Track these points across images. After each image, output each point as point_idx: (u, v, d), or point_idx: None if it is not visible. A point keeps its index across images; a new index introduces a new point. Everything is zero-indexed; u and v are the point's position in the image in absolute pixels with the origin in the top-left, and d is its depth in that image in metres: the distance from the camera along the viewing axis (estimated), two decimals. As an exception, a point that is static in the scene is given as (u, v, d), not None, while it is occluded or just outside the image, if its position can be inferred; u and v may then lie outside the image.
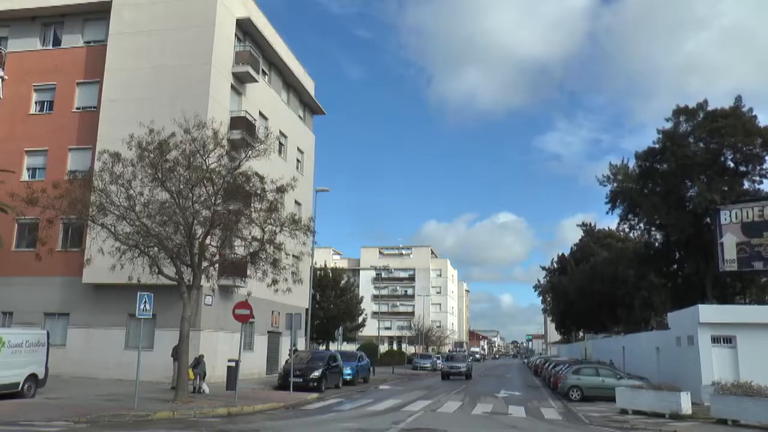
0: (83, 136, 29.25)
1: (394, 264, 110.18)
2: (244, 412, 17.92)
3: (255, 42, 32.52)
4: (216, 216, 18.89)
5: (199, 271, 19.23)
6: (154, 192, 19.09)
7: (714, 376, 21.76)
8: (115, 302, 26.42)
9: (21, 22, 31.62)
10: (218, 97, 28.26)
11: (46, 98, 30.83)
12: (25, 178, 29.26)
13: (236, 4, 30.55)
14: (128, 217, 18.88)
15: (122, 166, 18.90)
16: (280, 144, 35.30)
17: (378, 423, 16.34)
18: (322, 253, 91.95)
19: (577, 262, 61.63)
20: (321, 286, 52.70)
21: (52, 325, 27.12)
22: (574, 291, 57.42)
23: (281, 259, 20.89)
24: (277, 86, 36.26)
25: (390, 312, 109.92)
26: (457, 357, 45.44)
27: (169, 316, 24.60)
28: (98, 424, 14.66)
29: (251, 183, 19.87)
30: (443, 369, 42.61)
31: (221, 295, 27.92)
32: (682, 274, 41.48)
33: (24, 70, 30.87)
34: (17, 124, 30.39)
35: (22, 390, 18.68)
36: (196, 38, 28.20)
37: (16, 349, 18.63)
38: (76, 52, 30.67)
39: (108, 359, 26.53)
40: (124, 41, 29.03)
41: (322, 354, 29.37)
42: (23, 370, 18.80)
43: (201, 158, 18.95)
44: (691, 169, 35.69)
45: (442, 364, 44.25)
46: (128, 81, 28.42)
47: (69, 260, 27.30)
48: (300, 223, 20.59)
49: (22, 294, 27.99)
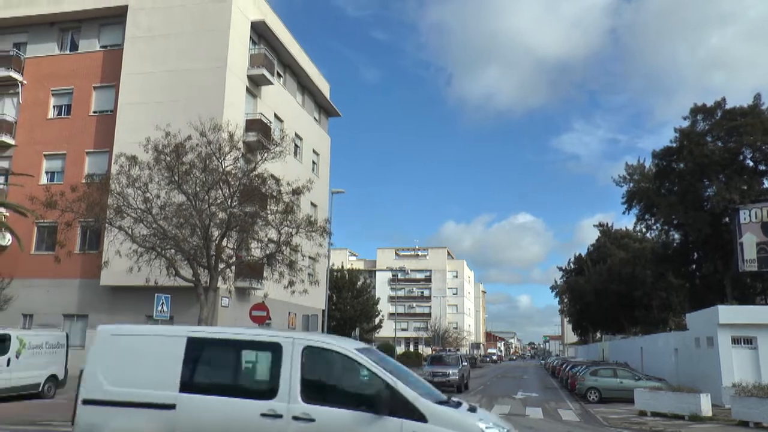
0: (100, 140, 29.54)
1: (411, 265, 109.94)
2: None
3: (270, 45, 32.66)
4: (232, 218, 18.99)
5: (215, 273, 19.32)
6: (171, 194, 19.25)
7: (734, 377, 21.50)
8: (133, 304, 26.59)
9: (39, 28, 32.00)
10: (233, 100, 28.41)
11: (64, 102, 31.18)
12: (43, 181, 29.60)
13: (251, 7, 30.70)
14: (145, 220, 19.04)
15: (139, 169, 19.09)
16: (296, 146, 35.42)
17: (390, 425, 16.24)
18: (339, 255, 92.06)
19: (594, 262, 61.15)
20: (337, 288, 52.80)
21: (71, 327, 27.45)
22: (591, 292, 57.00)
23: (297, 260, 20.92)
24: (292, 88, 36.39)
25: (407, 313, 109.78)
26: (446, 359, 32.36)
27: (186, 318, 24.68)
28: (117, 425, 14.74)
29: (267, 185, 19.97)
30: (426, 377, 27.24)
31: (238, 296, 28.03)
32: (700, 274, 41.01)
33: (42, 75, 31.25)
34: (36, 129, 30.77)
35: (42, 391, 18.93)
36: (212, 42, 28.38)
37: (36, 351, 18.86)
38: (93, 56, 30.98)
39: (126, 361, 26.70)
40: (140, 45, 29.27)
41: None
42: (43, 371, 19.04)
43: (217, 161, 19.08)
44: (709, 168, 35.29)
45: (424, 370, 31.11)
46: (144, 85, 28.65)
47: (87, 263, 27.54)
48: (316, 224, 20.67)
49: (41, 296, 28.32)
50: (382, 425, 6.56)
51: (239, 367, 7.61)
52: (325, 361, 7.26)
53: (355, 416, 6.61)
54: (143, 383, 7.27)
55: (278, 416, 6.76)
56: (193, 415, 7.03)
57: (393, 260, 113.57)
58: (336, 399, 6.93)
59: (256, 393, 7.11)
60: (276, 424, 6.74)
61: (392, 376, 6.84)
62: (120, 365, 7.51)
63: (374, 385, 6.82)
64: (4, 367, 17.66)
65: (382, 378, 6.80)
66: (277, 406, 6.81)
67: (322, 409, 6.74)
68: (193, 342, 7.44)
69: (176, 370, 7.25)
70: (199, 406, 7.05)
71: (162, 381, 7.24)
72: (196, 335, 7.57)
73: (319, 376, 7.28)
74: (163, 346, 7.52)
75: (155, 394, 7.18)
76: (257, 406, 6.87)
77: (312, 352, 7.15)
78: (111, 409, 7.27)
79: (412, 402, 6.62)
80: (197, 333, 7.66)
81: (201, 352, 7.48)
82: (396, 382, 6.77)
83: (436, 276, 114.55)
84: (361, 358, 7.02)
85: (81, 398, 7.48)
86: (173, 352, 7.36)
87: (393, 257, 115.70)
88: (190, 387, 7.17)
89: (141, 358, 7.49)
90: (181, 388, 7.16)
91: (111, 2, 30.33)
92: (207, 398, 7.08)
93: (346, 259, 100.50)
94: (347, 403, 6.77)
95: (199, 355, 7.44)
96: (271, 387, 6.99)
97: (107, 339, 7.79)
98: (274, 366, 7.09)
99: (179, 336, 7.52)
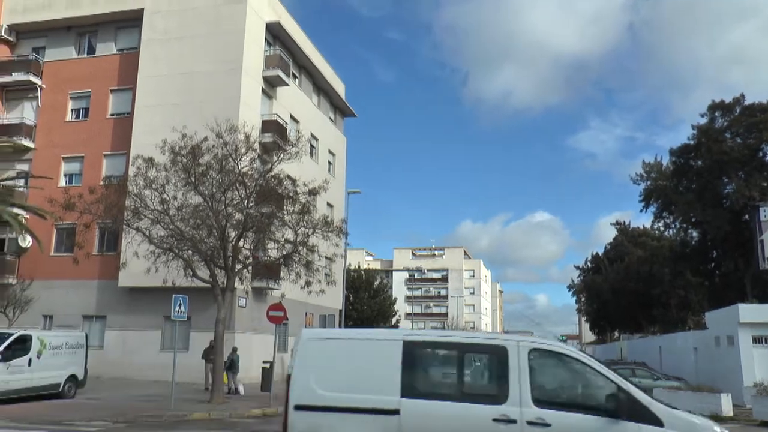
0: (117, 142, 29.81)
1: (427, 265, 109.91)
2: (280, 414, 17.92)
3: (285, 46, 32.78)
4: (249, 219, 19.05)
5: (232, 274, 19.40)
6: (188, 196, 19.33)
7: (755, 377, 21.21)
8: (151, 305, 26.82)
9: (57, 32, 32.37)
10: (249, 101, 28.54)
11: (82, 106, 31.51)
12: (62, 183, 29.93)
13: (266, 8, 30.82)
14: (162, 221, 19.13)
15: (156, 171, 19.18)
16: (312, 146, 35.52)
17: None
18: (355, 255, 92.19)
19: (611, 261, 60.69)
20: (354, 288, 52.88)
21: (90, 328, 27.73)
22: (609, 290, 56.58)
23: (314, 260, 20.96)
24: (308, 89, 36.50)
25: (424, 313, 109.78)
26: None
27: (204, 318, 24.92)
28: (136, 424, 14.91)
29: (283, 186, 20.01)
30: None
31: (255, 297, 28.15)
32: (720, 272, 40.56)
33: (60, 79, 31.61)
34: (54, 132, 31.12)
35: (62, 391, 19.13)
36: (227, 43, 28.52)
37: (57, 351, 19.08)
38: (110, 59, 31.28)
39: (144, 361, 26.98)
40: (156, 48, 29.50)
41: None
42: (63, 372, 19.25)
43: (233, 162, 19.14)
44: (728, 165, 34.90)
45: None
46: (160, 87, 28.87)
47: (105, 264, 27.80)
48: (332, 224, 20.69)
49: (61, 297, 28.64)
50: (621, 430, 6.42)
51: (462, 371, 7.39)
52: (552, 364, 7.15)
53: (591, 420, 6.48)
54: (360, 388, 7.10)
55: (511, 421, 6.59)
56: (419, 421, 6.87)
57: (410, 260, 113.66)
58: (567, 403, 6.84)
59: (484, 397, 6.97)
60: (510, 429, 6.59)
61: (623, 379, 6.74)
62: (331, 370, 7.32)
63: (606, 388, 6.67)
64: (26, 367, 17.88)
65: (615, 381, 6.66)
66: (510, 411, 6.64)
67: (555, 413, 6.59)
68: (410, 345, 7.25)
69: (396, 375, 7.04)
70: (424, 412, 6.89)
71: (381, 386, 7.05)
72: (413, 339, 7.39)
73: (548, 379, 7.14)
74: (377, 350, 7.34)
75: (377, 399, 6.99)
76: (487, 411, 6.71)
77: (538, 354, 7.00)
78: (327, 414, 7.10)
79: (647, 406, 6.49)
80: (414, 336, 7.47)
81: (419, 356, 7.35)
82: (628, 385, 6.64)
83: (452, 275, 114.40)
84: (590, 361, 6.92)
85: (292, 404, 7.24)
86: (390, 356, 7.16)
87: (410, 257, 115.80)
88: (412, 391, 7.00)
89: (354, 362, 7.31)
90: (402, 392, 6.97)
91: (127, 6, 30.60)
92: (432, 403, 6.93)
93: (363, 259, 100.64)
94: (579, 407, 6.66)
95: (417, 358, 7.29)
96: (499, 391, 6.83)
97: (312, 343, 7.63)
98: (501, 369, 6.91)
99: (394, 339, 7.33)
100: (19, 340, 17.91)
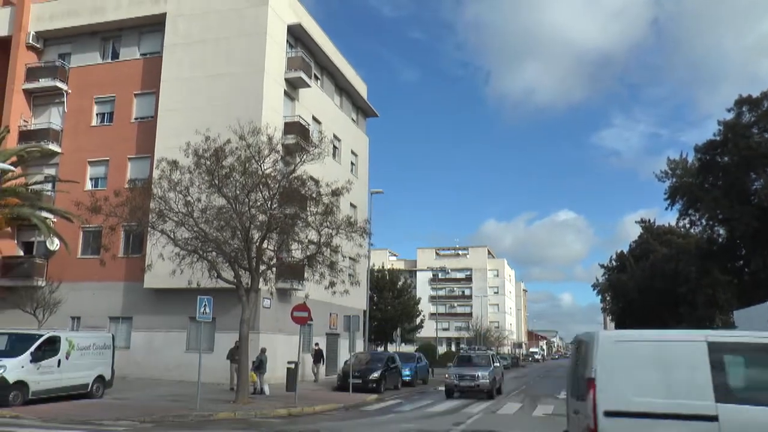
0: (142, 146, 30.16)
1: (451, 264, 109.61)
2: (305, 413, 18.12)
3: (306, 47, 32.89)
4: (272, 220, 19.13)
5: (257, 275, 19.51)
6: (212, 198, 19.47)
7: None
8: (176, 306, 27.08)
9: (82, 38, 32.85)
10: (272, 103, 28.68)
11: (106, 110, 31.94)
12: (88, 187, 30.39)
13: (287, 10, 30.96)
14: (187, 223, 19.30)
15: (180, 174, 19.33)
16: (334, 147, 35.61)
17: (438, 424, 16.24)
18: (379, 255, 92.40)
19: (636, 259, 59.97)
20: (378, 288, 52.90)
21: (116, 329, 28.14)
22: (634, 289, 55.91)
23: (338, 261, 20.99)
24: (330, 90, 36.60)
25: (448, 313, 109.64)
26: (476, 360, 27.13)
27: (229, 319, 25.11)
28: (163, 424, 15.08)
29: (306, 187, 20.05)
30: (448, 381, 25.29)
31: (279, 297, 28.29)
32: (749, 270, 39.81)
33: (85, 84, 32.08)
34: (80, 136, 31.59)
35: (90, 391, 19.41)
36: (249, 46, 28.70)
37: (84, 352, 19.36)
38: (133, 64, 31.66)
39: (170, 361, 27.28)
40: (178, 52, 29.79)
41: (381, 355, 29.44)
42: (91, 372, 19.53)
43: (256, 164, 19.24)
44: (756, 161, 34.25)
45: (449, 372, 26.07)
46: (183, 90, 29.13)
47: (131, 266, 28.17)
48: (356, 225, 20.67)
49: (88, 299, 29.05)
50: None
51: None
52: None
53: None
54: (668, 393, 6.85)
55: None
56: (741, 429, 6.56)
57: (433, 260, 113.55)
58: None
59: None
60: None
61: None
62: (636, 374, 7.08)
63: None
64: (55, 368, 18.17)
65: None
66: None
67: None
68: (716, 346, 6.95)
69: (705, 378, 6.76)
70: (746, 418, 6.55)
71: (690, 390, 6.79)
72: (719, 339, 7.10)
73: None
74: (679, 352, 7.07)
75: (690, 404, 6.72)
76: None
77: None
78: (639, 421, 6.86)
79: None
80: (719, 337, 7.18)
81: (729, 358, 7.00)
82: None
83: (476, 275, 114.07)
84: None
85: (601, 410, 7.01)
86: (696, 358, 6.89)
87: (433, 257, 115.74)
88: (728, 397, 6.69)
89: (657, 365, 7.05)
90: (716, 397, 6.67)
91: (150, 10, 30.93)
92: (755, 409, 6.60)
93: (387, 259, 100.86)
94: None
95: (726, 360, 6.94)
96: None
97: (611, 346, 7.36)
98: None
99: (697, 341, 7.04)
100: (48, 342, 18.19)
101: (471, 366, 25.79)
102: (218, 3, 29.73)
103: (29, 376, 17.24)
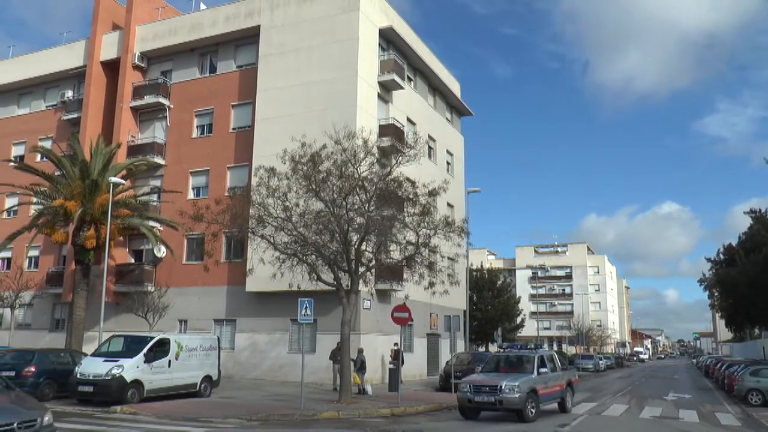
0: (240, 155, 31.20)
1: (550, 262, 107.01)
2: (407, 413, 18.06)
3: (398, 49, 33.00)
4: (370, 222, 19.19)
5: (356, 277, 19.67)
6: (309, 202, 19.78)
7: None
8: (277, 308, 27.74)
9: (181, 55, 34.52)
10: (366, 107, 28.92)
11: (206, 122, 33.31)
12: (190, 196, 31.76)
13: (378, 14, 31.16)
14: (285, 228, 19.71)
15: (277, 180, 19.76)
16: (429, 148, 35.49)
17: (542, 426, 15.73)
18: (477, 254, 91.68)
19: (746, 252, 56.15)
20: (477, 288, 52.60)
21: (221, 331, 29.21)
22: (746, 284, 52.25)
23: (437, 261, 20.87)
24: (423, 91, 36.57)
25: (548, 312, 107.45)
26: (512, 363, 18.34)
27: (329, 321, 25.50)
28: (269, 423, 15.45)
29: (403, 188, 20.06)
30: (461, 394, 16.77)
31: (379, 298, 28.45)
32: None
33: (186, 98, 33.63)
34: (182, 148, 33.12)
35: (199, 390, 20.21)
36: (342, 52, 29.09)
37: (192, 353, 20.20)
38: (230, 76, 32.86)
39: (273, 362, 28.01)
40: (273, 62, 30.62)
41: (483, 355, 29.00)
42: (199, 372, 20.34)
43: (352, 167, 19.41)
44: None
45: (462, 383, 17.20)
46: (279, 99, 29.89)
47: (233, 270, 29.16)
48: (453, 225, 20.47)
49: (193, 303, 30.34)
50: None
51: None
52: None
53: None
54: None
55: None
56: None
57: (532, 258, 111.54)
58: None
59: None
60: None
61: None
62: None
63: None
64: (166, 368, 19.04)
65: None
66: None
67: None
68: None
69: None
70: None
71: None
72: None
73: None
74: None
75: None
76: None
77: None
78: None
79: None
80: None
81: None
82: None
83: (576, 272, 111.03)
84: None
85: None
86: None
87: (532, 255, 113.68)
88: None
89: None
90: None
91: (244, 24, 32.00)
92: None
93: (485, 258, 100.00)
94: None
95: None
96: None
97: None
98: None
99: None
100: (159, 343, 19.11)
101: (499, 373, 17.71)
102: (310, 12, 30.32)
103: (143, 376, 18.18)
